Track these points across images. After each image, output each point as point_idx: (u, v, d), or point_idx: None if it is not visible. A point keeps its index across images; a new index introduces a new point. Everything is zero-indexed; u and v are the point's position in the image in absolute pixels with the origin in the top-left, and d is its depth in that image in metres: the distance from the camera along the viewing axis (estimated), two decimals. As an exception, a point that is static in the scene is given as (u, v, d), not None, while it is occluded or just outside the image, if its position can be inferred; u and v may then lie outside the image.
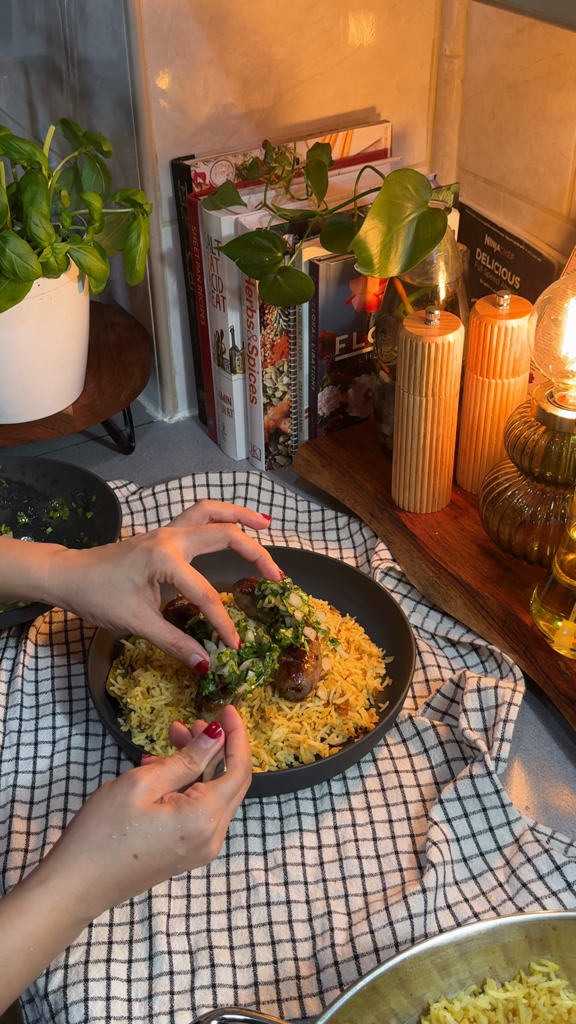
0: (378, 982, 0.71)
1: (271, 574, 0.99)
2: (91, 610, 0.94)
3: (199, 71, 1.24)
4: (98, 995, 0.79)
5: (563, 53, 1.19)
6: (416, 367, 1.09)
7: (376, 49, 1.33)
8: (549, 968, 0.76)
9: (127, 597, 0.93)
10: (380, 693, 1.02)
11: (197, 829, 0.74)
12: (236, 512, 0.99)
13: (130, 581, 0.92)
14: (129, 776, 0.75)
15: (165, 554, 0.92)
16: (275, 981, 0.81)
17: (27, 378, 1.26)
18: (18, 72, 1.45)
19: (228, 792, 0.77)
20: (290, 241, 1.21)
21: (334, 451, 1.30)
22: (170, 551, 0.92)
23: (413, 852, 0.90)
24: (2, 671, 1.08)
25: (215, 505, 0.98)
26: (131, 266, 1.23)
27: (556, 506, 1.07)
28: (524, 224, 1.32)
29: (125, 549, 0.94)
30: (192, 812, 0.74)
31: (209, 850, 0.76)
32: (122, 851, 0.73)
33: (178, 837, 0.74)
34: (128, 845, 0.73)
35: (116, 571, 0.93)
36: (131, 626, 0.94)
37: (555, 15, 0.81)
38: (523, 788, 0.97)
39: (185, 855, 0.75)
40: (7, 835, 0.92)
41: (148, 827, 0.73)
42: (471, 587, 1.10)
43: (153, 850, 0.73)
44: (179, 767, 0.78)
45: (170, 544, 0.93)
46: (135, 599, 0.93)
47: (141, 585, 0.92)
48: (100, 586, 0.93)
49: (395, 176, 1.06)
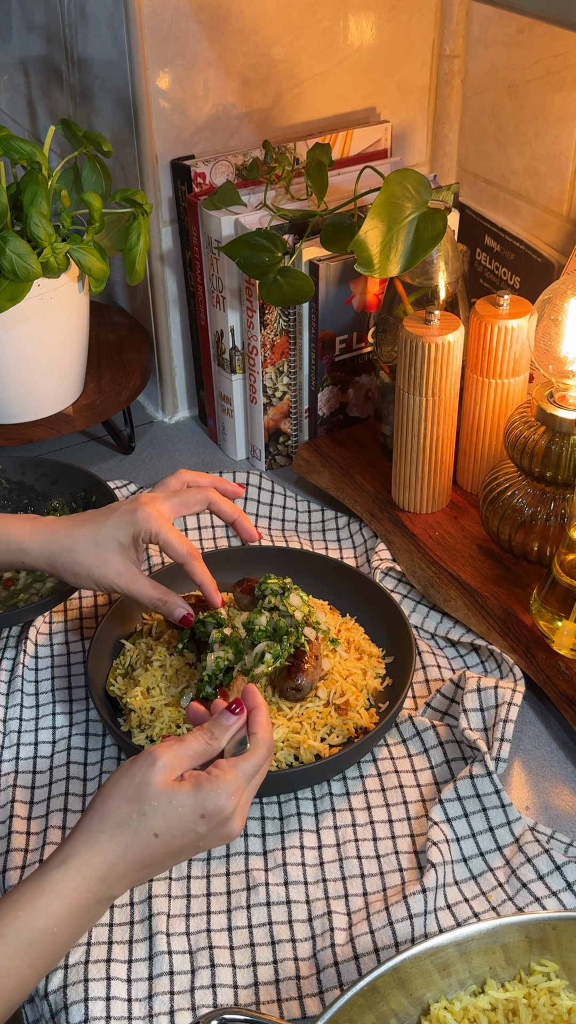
0: (378, 982, 0.71)
1: (249, 534, 1.00)
2: (75, 570, 0.95)
3: (199, 71, 1.24)
4: (98, 995, 0.79)
5: (563, 53, 1.19)
6: (416, 367, 1.09)
7: (376, 49, 1.33)
8: (549, 968, 0.76)
9: (112, 556, 0.94)
10: (380, 693, 1.02)
11: (217, 807, 0.74)
12: (212, 479, 1.02)
13: (115, 540, 0.94)
14: (148, 754, 0.75)
15: (149, 513, 0.94)
16: (275, 981, 0.81)
17: (27, 378, 1.26)
18: (18, 72, 1.45)
19: (250, 770, 0.77)
20: (290, 241, 1.21)
21: (334, 451, 1.30)
22: (154, 512, 0.95)
23: (413, 852, 0.90)
24: (2, 671, 1.08)
25: (192, 473, 1.01)
26: (131, 266, 1.23)
27: (556, 506, 1.07)
28: (524, 224, 1.32)
29: (108, 511, 0.96)
30: (212, 790, 0.74)
31: (231, 828, 0.75)
32: (142, 830, 0.73)
33: (198, 815, 0.74)
34: (148, 824, 0.73)
35: (100, 531, 0.95)
36: (116, 585, 0.95)
37: (555, 15, 0.82)
38: (523, 788, 0.97)
39: (206, 833, 0.75)
40: (7, 835, 0.92)
41: (168, 806, 0.73)
42: (471, 587, 1.10)
43: (173, 829, 0.73)
44: (199, 744, 0.77)
45: (153, 506, 0.95)
46: (120, 558, 0.95)
47: (126, 544, 0.94)
48: (85, 545, 0.94)
49: (395, 176, 1.06)
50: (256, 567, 1.12)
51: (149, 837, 0.73)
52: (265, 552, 1.16)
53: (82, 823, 0.74)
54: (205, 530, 1.26)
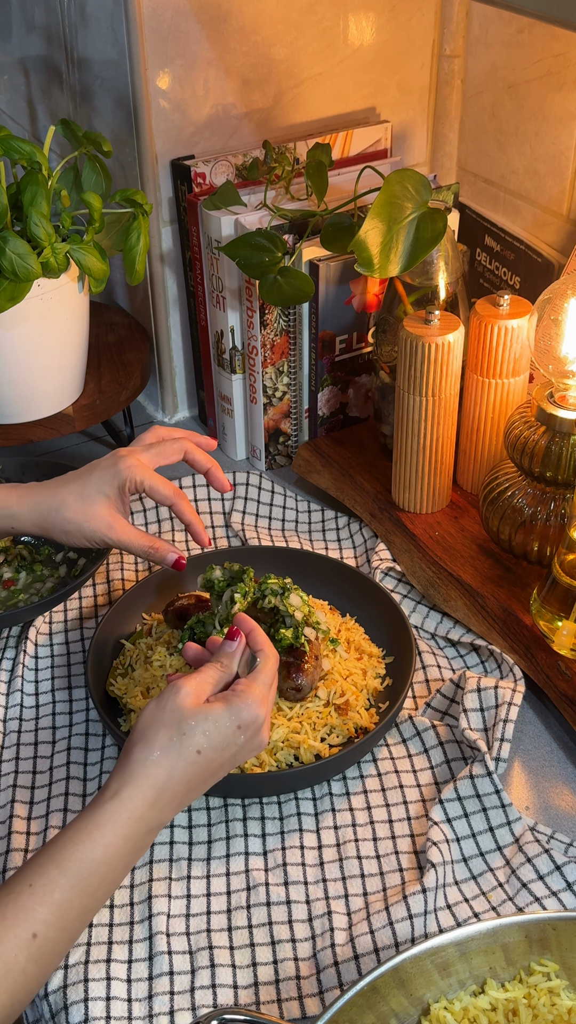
0: (378, 982, 0.71)
1: (221, 483, 1.04)
2: (65, 528, 0.98)
3: (199, 71, 1.24)
4: (98, 995, 0.79)
5: (563, 53, 1.19)
6: (416, 367, 1.09)
7: (376, 49, 1.33)
8: (549, 968, 0.76)
9: (100, 509, 0.97)
10: (380, 693, 1.02)
11: (251, 716, 0.78)
12: (186, 433, 1.05)
13: (101, 494, 0.97)
14: (171, 686, 0.79)
15: (131, 463, 0.97)
16: (275, 981, 0.81)
17: (27, 378, 1.26)
18: (18, 72, 1.45)
19: (267, 680, 0.82)
20: (290, 241, 1.21)
21: (334, 451, 1.30)
22: (135, 461, 0.97)
23: (413, 852, 0.90)
24: (2, 671, 1.08)
25: (166, 429, 1.05)
26: (131, 266, 1.23)
27: (556, 506, 1.07)
28: (524, 224, 1.32)
29: (90, 468, 0.99)
30: (243, 702, 0.79)
31: (261, 738, 0.80)
32: (185, 749, 0.76)
33: (235, 727, 0.78)
34: (190, 743, 0.76)
35: (86, 486, 0.97)
36: (107, 537, 0.98)
37: (555, 15, 0.81)
38: (523, 788, 0.97)
39: (243, 744, 0.78)
40: (7, 835, 0.92)
41: (205, 723, 0.77)
42: (471, 587, 1.10)
43: (215, 743, 0.77)
44: (214, 672, 0.82)
45: (133, 456, 0.98)
46: (107, 510, 0.97)
47: (112, 496, 0.97)
48: (72, 502, 0.97)
49: (395, 176, 1.06)
50: (256, 567, 1.12)
51: (192, 755, 0.76)
52: (265, 552, 1.16)
53: (124, 759, 0.77)
54: (205, 530, 1.26)
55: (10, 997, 0.68)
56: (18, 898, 0.70)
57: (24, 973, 0.68)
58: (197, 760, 0.76)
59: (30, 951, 0.69)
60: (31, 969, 0.69)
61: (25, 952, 0.68)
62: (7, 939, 0.68)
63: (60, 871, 0.71)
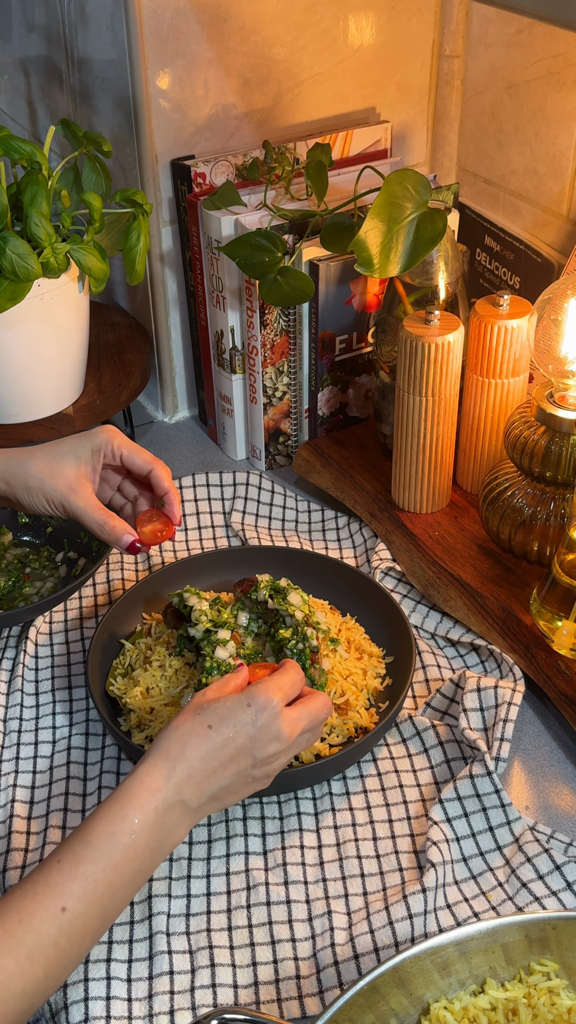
0: (378, 982, 0.71)
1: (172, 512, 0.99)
2: (28, 482, 0.95)
3: (199, 71, 1.24)
4: (98, 995, 0.79)
5: (563, 53, 1.19)
6: (416, 367, 1.09)
7: (376, 49, 1.33)
8: (549, 968, 0.76)
9: (67, 469, 0.95)
10: (380, 693, 1.02)
11: (264, 698, 0.80)
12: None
13: (72, 454, 0.96)
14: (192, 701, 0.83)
15: (111, 431, 0.97)
16: (275, 981, 0.81)
17: (27, 378, 1.26)
18: (18, 72, 1.45)
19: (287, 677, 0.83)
20: (290, 241, 1.21)
21: (334, 451, 1.30)
22: (115, 431, 0.97)
23: (413, 852, 0.90)
24: (2, 671, 1.08)
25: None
26: (131, 266, 1.23)
27: (556, 506, 1.07)
28: (524, 224, 1.32)
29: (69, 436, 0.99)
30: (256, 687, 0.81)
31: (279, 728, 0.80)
32: (198, 725, 0.79)
33: (245, 704, 0.80)
34: (203, 719, 0.79)
35: (59, 445, 0.97)
36: (66, 500, 0.95)
37: (555, 15, 0.81)
38: (523, 788, 0.97)
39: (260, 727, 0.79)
40: (7, 835, 0.92)
41: (219, 704, 0.80)
42: (471, 587, 1.10)
43: (226, 718, 0.79)
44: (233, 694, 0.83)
45: (111, 428, 0.98)
46: (74, 471, 0.95)
47: (84, 459, 0.95)
48: (41, 457, 0.95)
49: (395, 176, 1.06)
50: (256, 567, 1.12)
51: (204, 729, 0.78)
52: (265, 552, 1.16)
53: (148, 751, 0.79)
54: (205, 530, 1.26)
55: (44, 971, 0.70)
56: (48, 874, 0.72)
57: (56, 947, 0.70)
58: (209, 734, 0.78)
59: (60, 924, 0.70)
60: (63, 943, 0.70)
61: (56, 926, 0.70)
62: (38, 913, 0.70)
63: (84, 844, 0.73)
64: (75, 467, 0.95)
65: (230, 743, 0.79)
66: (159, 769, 0.77)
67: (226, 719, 0.79)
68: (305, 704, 0.83)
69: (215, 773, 0.78)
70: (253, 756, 0.80)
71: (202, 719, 0.79)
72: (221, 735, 0.79)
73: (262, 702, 0.80)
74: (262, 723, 0.80)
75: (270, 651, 1.00)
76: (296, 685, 0.84)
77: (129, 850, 0.74)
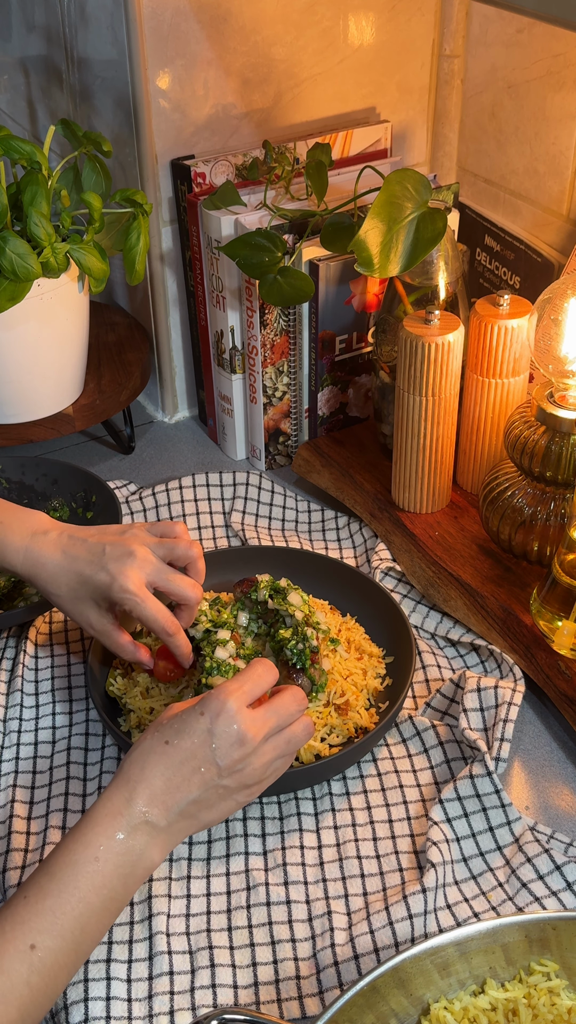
0: (378, 982, 0.71)
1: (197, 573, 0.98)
2: (54, 602, 0.98)
3: (199, 71, 1.24)
4: (98, 995, 0.79)
5: (563, 53, 1.19)
6: (416, 367, 1.09)
7: (376, 49, 1.33)
8: (549, 968, 0.76)
9: (89, 612, 0.96)
10: (380, 693, 1.02)
11: (217, 704, 0.78)
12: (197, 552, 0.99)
13: (93, 601, 0.95)
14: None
15: (126, 589, 0.92)
16: (275, 981, 0.81)
17: (27, 378, 1.26)
18: (18, 72, 1.45)
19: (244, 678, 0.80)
20: (290, 241, 1.21)
21: (334, 451, 1.30)
22: (132, 583, 0.92)
23: (413, 852, 0.90)
24: (2, 671, 1.08)
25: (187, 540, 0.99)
26: (131, 266, 1.23)
27: (556, 506, 1.07)
28: (524, 224, 1.32)
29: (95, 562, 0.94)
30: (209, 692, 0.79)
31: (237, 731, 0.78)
32: (156, 742, 0.78)
33: (198, 713, 0.78)
34: (160, 736, 0.78)
35: (83, 587, 0.95)
36: (88, 631, 0.98)
37: (555, 15, 0.81)
38: (523, 788, 0.97)
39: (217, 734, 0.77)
40: (7, 835, 0.92)
41: (176, 718, 0.79)
42: (471, 587, 1.10)
43: (180, 730, 0.78)
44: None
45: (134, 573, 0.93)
46: (96, 616, 0.96)
47: (104, 608, 0.96)
48: (66, 594, 0.96)
49: (395, 176, 1.06)
50: (256, 567, 1.12)
51: (161, 746, 0.78)
52: (265, 552, 1.16)
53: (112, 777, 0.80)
54: (205, 530, 1.26)
55: (18, 1012, 0.68)
56: (15, 911, 0.71)
57: (29, 985, 0.68)
58: (167, 750, 0.77)
59: (31, 962, 0.69)
60: (35, 981, 0.69)
61: (26, 964, 0.69)
62: (7, 952, 0.68)
63: (49, 877, 0.72)
64: (96, 613, 0.96)
65: (190, 756, 0.77)
66: (119, 793, 0.76)
67: (182, 732, 0.78)
68: (271, 701, 0.81)
69: (179, 788, 0.77)
70: (216, 765, 0.77)
71: (160, 736, 0.78)
72: (180, 749, 0.77)
73: (215, 707, 0.78)
74: (219, 729, 0.77)
75: (270, 651, 1.00)
76: (261, 681, 0.81)
77: (96, 878, 0.73)
